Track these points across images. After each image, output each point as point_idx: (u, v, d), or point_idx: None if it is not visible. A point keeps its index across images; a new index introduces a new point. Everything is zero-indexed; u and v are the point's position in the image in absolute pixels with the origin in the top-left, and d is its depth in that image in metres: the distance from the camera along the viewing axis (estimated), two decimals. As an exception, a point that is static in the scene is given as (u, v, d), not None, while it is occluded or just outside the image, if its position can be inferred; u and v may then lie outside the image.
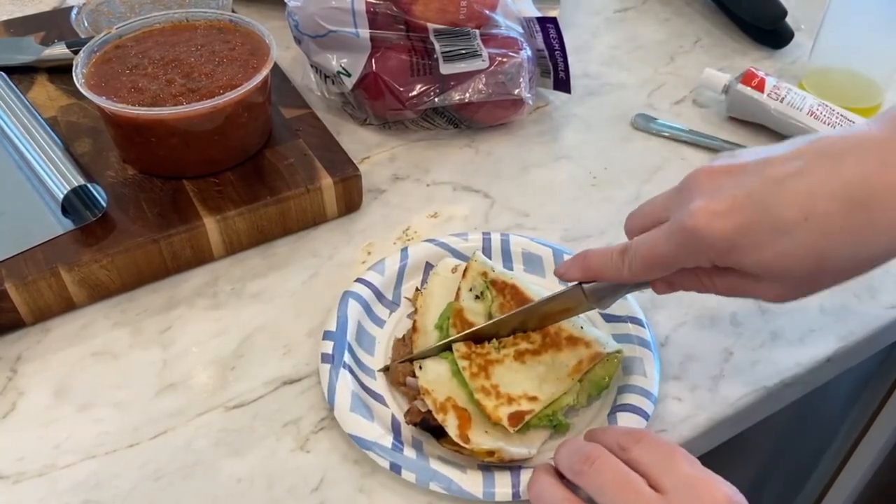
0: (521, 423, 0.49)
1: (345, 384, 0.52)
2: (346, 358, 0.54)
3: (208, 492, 0.49)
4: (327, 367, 0.53)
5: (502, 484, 0.48)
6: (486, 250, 0.61)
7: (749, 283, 0.44)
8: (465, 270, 0.57)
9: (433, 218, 0.67)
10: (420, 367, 0.52)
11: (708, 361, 0.57)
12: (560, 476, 0.46)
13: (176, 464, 0.50)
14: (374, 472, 0.50)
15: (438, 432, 0.50)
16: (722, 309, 0.60)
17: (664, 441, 0.45)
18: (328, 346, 0.54)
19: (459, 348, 0.52)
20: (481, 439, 0.49)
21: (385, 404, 0.53)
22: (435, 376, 0.51)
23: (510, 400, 0.50)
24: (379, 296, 0.59)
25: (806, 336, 0.58)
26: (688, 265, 0.45)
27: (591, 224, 0.67)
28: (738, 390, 0.55)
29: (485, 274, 0.56)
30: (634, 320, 0.56)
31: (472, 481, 0.48)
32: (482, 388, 0.50)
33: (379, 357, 0.56)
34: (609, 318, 0.57)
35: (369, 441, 0.49)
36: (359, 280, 0.59)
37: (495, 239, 0.62)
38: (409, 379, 0.52)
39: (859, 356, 0.61)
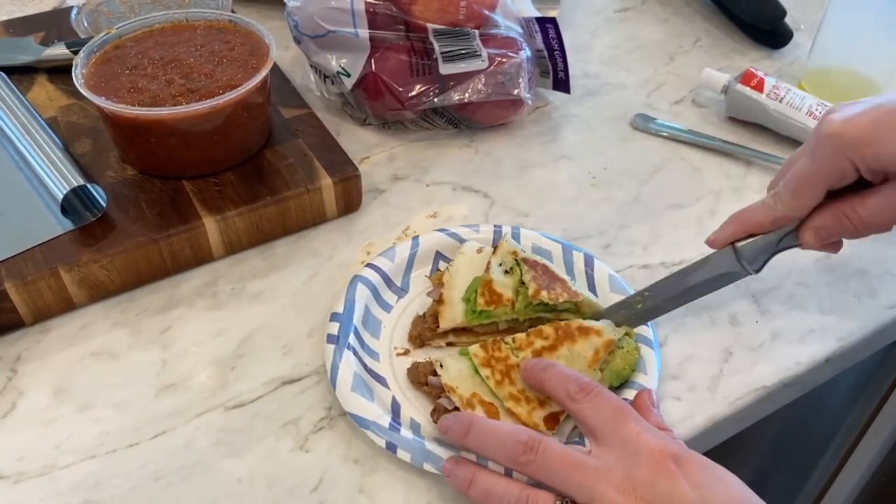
0: (558, 425, 0.50)
1: (347, 365, 0.53)
2: (351, 339, 0.54)
3: (208, 492, 0.49)
4: (332, 347, 0.54)
5: (495, 468, 0.47)
6: (496, 242, 0.61)
7: (892, 199, 0.47)
8: (496, 249, 0.58)
9: (433, 218, 0.67)
10: (441, 366, 0.52)
11: (707, 361, 0.57)
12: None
13: (176, 464, 0.50)
14: (374, 471, 0.50)
15: None
16: (722, 309, 0.60)
17: (613, 398, 0.46)
18: (334, 328, 0.55)
19: (478, 354, 0.52)
20: None
21: (387, 386, 0.54)
22: (457, 373, 0.52)
23: (540, 402, 0.50)
24: (388, 281, 0.60)
25: (805, 336, 0.58)
26: (833, 179, 0.48)
27: (590, 224, 0.67)
28: (737, 390, 0.55)
29: (515, 253, 0.57)
30: None
31: None
32: (511, 395, 0.50)
33: (384, 341, 0.57)
34: None
35: (368, 420, 0.50)
36: (369, 265, 0.59)
37: (506, 232, 0.62)
38: (431, 378, 0.52)
39: (858, 356, 0.61)
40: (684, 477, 0.41)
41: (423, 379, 0.53)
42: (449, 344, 0.56)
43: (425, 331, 0.56)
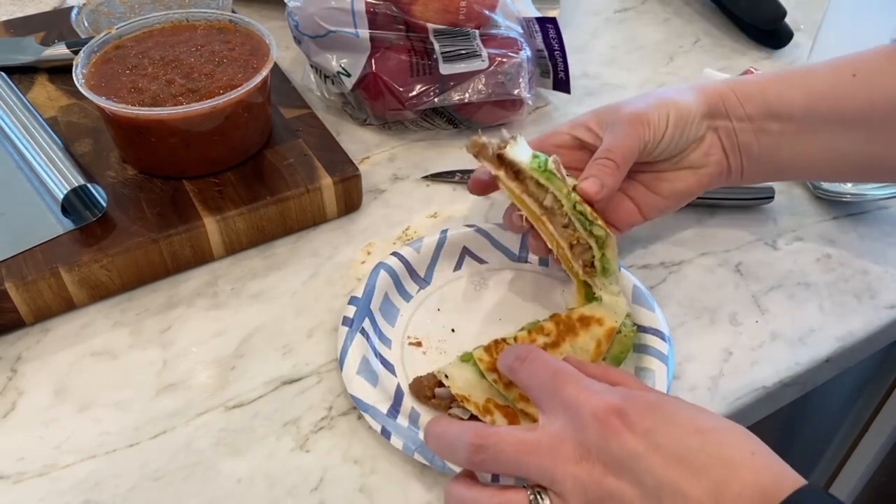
0: None
1: (356, 348, 0.54)
2: (365, 324, 0.55)
3: (208, 492, 0.49)
4: (345, 329, 0.55)
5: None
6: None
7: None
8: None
9: (433, 218, 0.68)
10: (446, 377, 0.51)
11: (707, 361, 0.57)
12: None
13: (176, 464, 0.50)
14: (374, 471, 0.50)
15: None
16: (722, 309, 0.60)
17: (549, 363, 0.46)
18: (350, 311, 0.56)
19: (483, 358, 0.51)
20: None
21: (394, 374, 0.54)
22: (464, 382, 0.51)
23: None
24: (411, 272, 0.60)
25: (805, 336, 0.58)
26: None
27: (590, 224, 0.67)
28: (737, 390, 0.55)
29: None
30: (658, 333, 0.55)
31: None
32: (521, 396, 0.50)
33: (399, 329, 0.58)
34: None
35: (367, 404, 0.51)
36: (394, 254, 0.60)
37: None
38: (439, 390, 0.52)
39: (858, 356, 0.61)
40: (629, 429, 0.40)
41: (429, 392, 0.52)
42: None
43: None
